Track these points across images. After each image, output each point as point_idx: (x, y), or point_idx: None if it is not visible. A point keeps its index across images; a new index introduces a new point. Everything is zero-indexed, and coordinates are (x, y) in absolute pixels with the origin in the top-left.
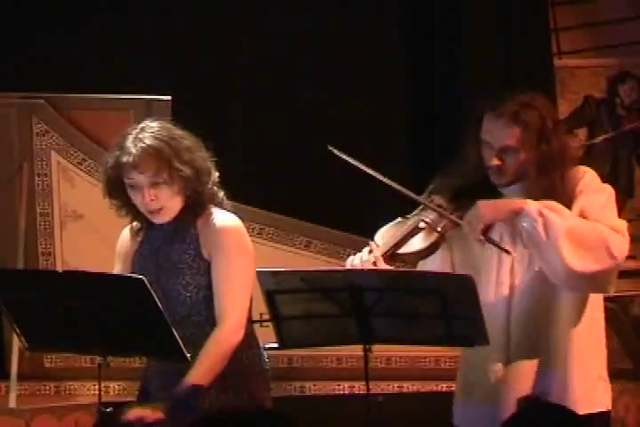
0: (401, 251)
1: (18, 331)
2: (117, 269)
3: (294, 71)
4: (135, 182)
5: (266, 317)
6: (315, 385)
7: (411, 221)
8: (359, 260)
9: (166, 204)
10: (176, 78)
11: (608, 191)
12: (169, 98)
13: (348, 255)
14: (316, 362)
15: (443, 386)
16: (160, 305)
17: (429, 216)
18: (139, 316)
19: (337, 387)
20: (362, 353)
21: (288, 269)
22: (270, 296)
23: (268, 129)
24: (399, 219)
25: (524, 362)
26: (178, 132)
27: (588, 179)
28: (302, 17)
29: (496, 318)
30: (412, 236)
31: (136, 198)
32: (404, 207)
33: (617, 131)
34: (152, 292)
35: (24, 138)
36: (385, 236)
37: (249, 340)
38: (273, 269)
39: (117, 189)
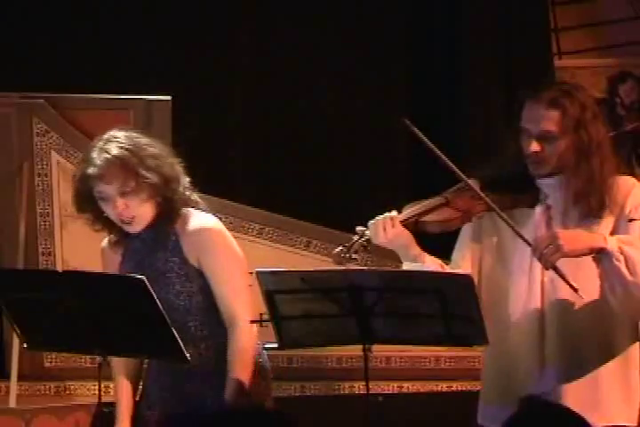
0: (423, 219)
1: (18, 331)
2: None
3: (294, 71)
4: (104, 194)
5: (266, 317)
6: (315, 385)
7: (441, 196)
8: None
9: (137, 212)
10: (176, 78)
11: None
12: (169, 98)
13: (357, 227)
14: (316, 362)
15: (443, 386)
16: (160, 305)
17: (461, 194)
18: (139, 316)
19: (337, 387)
20: (362, 353)
21: (288, 270)
22: (270, 296)
23: (268, 129)
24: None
25: (558, 358)
26: (143, 140)
27: (638, 194)
28: (302, 17)
29: (530, 308)
30: (439, 208)
31: (107, 210)
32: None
33: (617, 131)
34: (152, 292)
35: (24, 138)
36: (413, 204)
37: None
38: (273, 269)
39: (88, 201)
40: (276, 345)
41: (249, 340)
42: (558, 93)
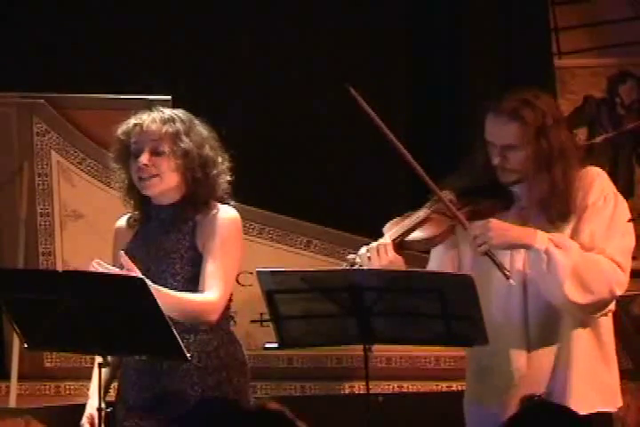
0: (409, 238)
1: (18, 331)
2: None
3: (294, 71)
4: (138, 146)
5: (266, 317)
6: (315, 385)
7: (421, 212)
8: (366, 249)
9: (161, 174)
10: (176, 78)
11: (615, 204)
12: (169, 98)
13: (348, 255)
14: (315, 362)
15: (443, 386)
16: (160, 305)
17: (440, 208)
18: (139, 316)
19: (337, 387)
20: (362, 353)
21: (288, 269)
22: (270, 296)
23: (267, 129)
24: (409, 212)
25: (541, 361)
26: (198, 121)
27: (597, 189)
28: (302, 17)
29: (513, 317)
30: (421, 225)
31: (134, 165)
32: (403, 208)
33: (617, 131)
34: (152, 291)
35: (24, 138)
36: (394, 225)
37: (228, 336)
38: (273, 269)
39: (124, 159)
40: (276, 345)
41: (210, 310)
42: (517, 104)
